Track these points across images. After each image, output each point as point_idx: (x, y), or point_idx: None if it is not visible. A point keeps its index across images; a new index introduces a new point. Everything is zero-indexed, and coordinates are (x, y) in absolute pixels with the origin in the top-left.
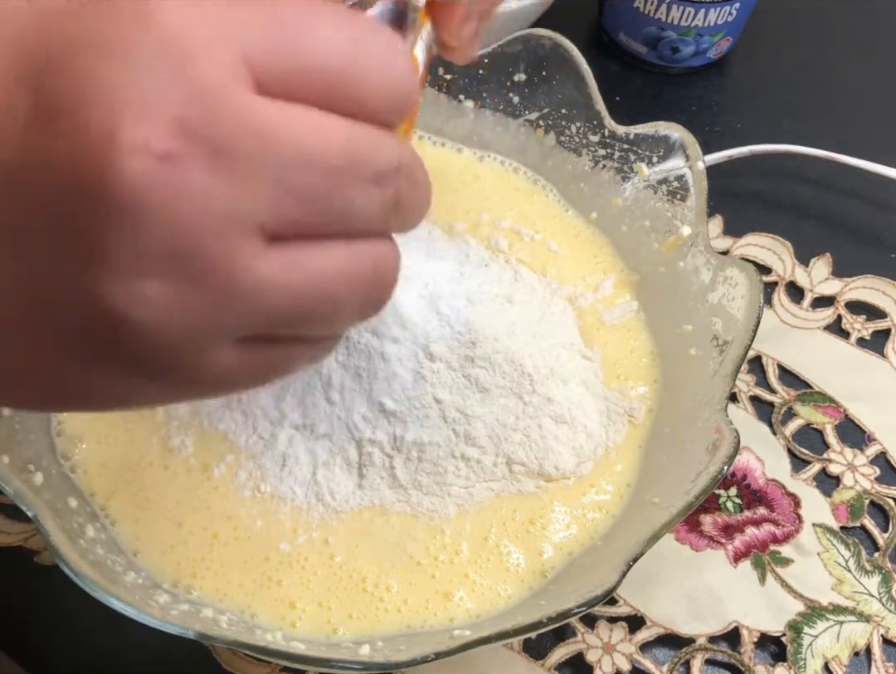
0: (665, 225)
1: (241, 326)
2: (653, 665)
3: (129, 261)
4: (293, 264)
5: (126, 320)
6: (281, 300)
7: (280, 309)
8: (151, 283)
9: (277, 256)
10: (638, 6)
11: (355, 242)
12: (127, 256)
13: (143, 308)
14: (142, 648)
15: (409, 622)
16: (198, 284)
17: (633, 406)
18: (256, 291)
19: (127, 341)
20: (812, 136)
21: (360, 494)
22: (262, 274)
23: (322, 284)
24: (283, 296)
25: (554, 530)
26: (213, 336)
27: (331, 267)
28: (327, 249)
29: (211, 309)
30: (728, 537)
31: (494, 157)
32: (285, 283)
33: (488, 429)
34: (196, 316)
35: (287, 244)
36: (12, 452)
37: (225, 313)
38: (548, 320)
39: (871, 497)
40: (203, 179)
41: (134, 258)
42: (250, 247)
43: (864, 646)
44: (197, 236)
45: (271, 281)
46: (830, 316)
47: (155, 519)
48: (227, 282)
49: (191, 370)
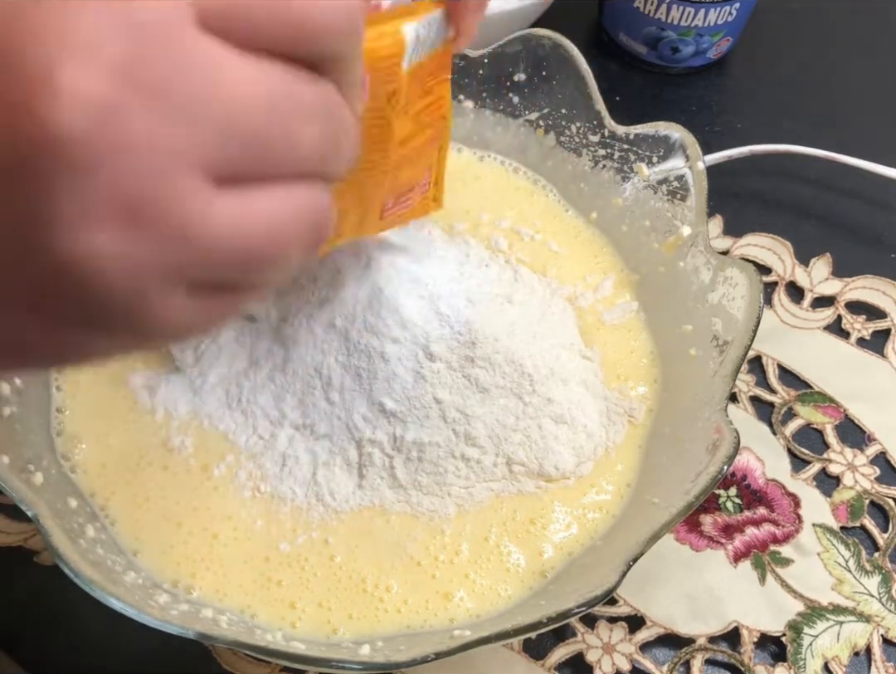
0: (665, 225)
1: (193, 270)
2: (653, 665)
3: (76, 212)
4: (241, 207)
5: (78, 272)
6: (232, 242)
7: (232, 251)
8: (101, 232)
9: (225, 200)
10: (638, 6)
11: (296, 184)
12: (73, 207)
13: (95, 258)
14: (142, 648)
15: (409, 622)
16: (148, 230)
17: (633, 406)
18: (207, 233)
19: (81, 292)
20: (812, 136)
21: (360, 495)
22: (212, 217)
23: (271, 225)
24: (234, 238)
25: (554, 530)
26: (167, 281)
27: (277, 209)
28: (271, 192)
29: (163, 254)
30: (728, 537)
31: (494, 158)
32: (235, 224)
33: (488, 429)
34: (148, 262)
35: (233, 188)
36: (12, 452)
37: (177, 258)
38: (548, 320)
39: (871, 497)
40: (146, 123)
41: (81, 209)
42: (198, 190)
43: (864, 646)
44: (143, 182)
45: (221, 223)
46: (830, 316)
47: (155, 519)
48: (177, 226)
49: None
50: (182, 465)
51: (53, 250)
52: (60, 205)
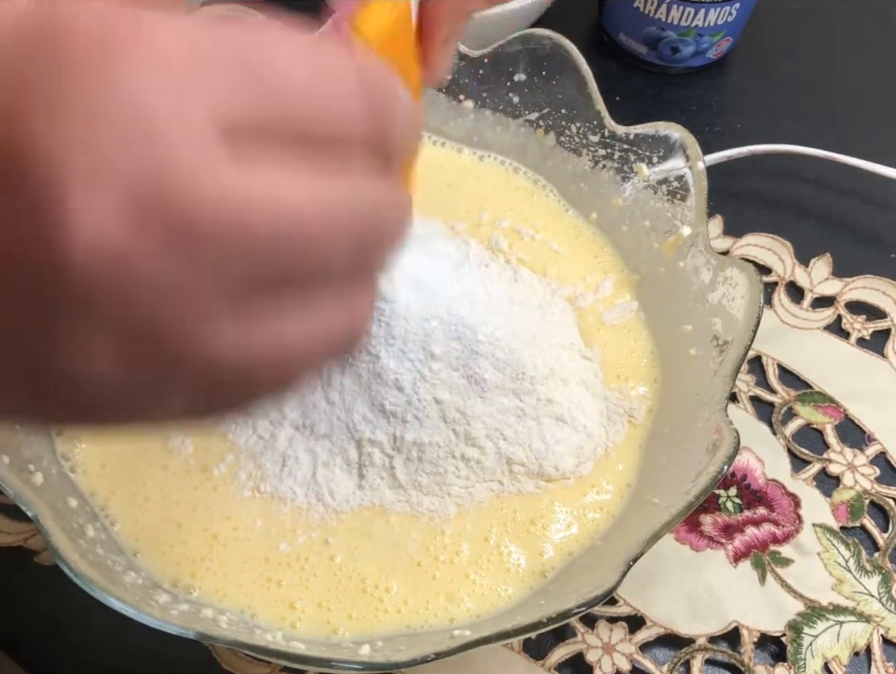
0: (665, 225)
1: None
2: (653, 665)
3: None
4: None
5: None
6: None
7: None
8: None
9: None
10: (638, 6)
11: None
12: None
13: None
14: (142, 648)
15: (409, 623)
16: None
17: (633, 406)
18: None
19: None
20: (812, 136)
21: (360, 495)
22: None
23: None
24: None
25: (555, 530)
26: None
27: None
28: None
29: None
30: (728, 536)
31: (495, 158)
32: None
33: (488, 429)
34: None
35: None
36: (12, 452)
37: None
38: (548, 321)
39: (871, 497)
40: (160, 265)
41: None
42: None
43: (864, 646)
44: (150, 323)
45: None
46: (830, 316)
47: (155, 519)
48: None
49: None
50: (182, 465)
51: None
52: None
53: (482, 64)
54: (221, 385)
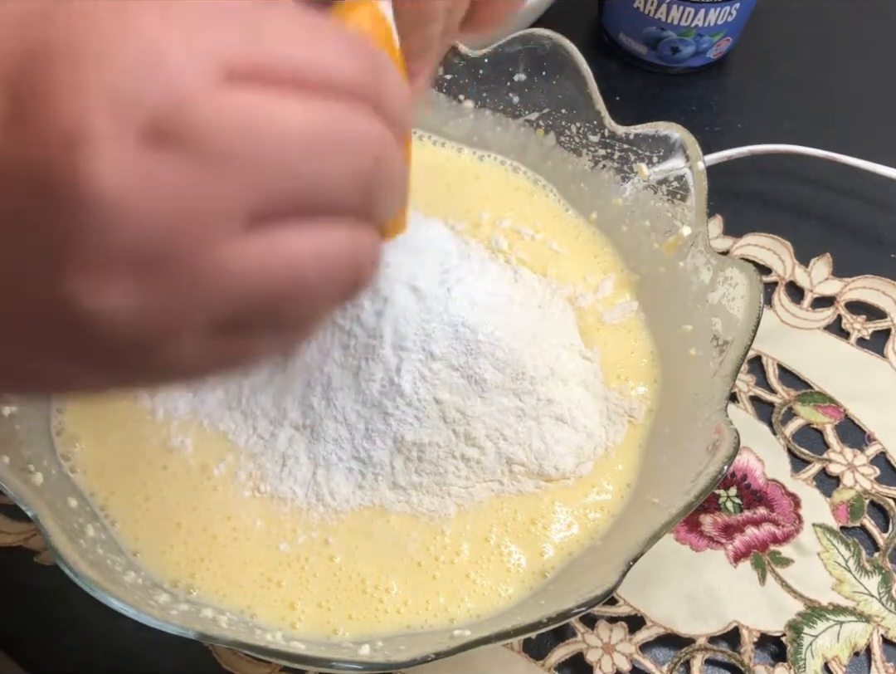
0: (665, 225)
1: (210, 317)
2: (653, 665)
3: (100, 261)
4: (267, 248)
5: (92, 317)
6: (253, 287)
7: (251, 296)
8: (121, 282)
9: (251, 241)
10: (638, 6)
11: (335, 224)
12: (97, 256)
13: (112, 307)
14: (142, 648)
15: (408, 623)
16: (169, 282)
17: (633, 406)
18: (229, 281)
19: (92, 337)
20: (812, 136)
21: (360, 495)
22: (236, 264)
23: (296, 267)
24: (253, 281)
25: (555, 530)
26: (182, 329)
27: (306, 249)
28: (305, 230)
29: (181, 304)
30: (728, 536)
31: (495, 158)
32: (259, 269)
33: (488, 429)
34: (165, 312)
35: (264, 225)
36: (12, 452)
37: (195, 307)
38: (548, 321)
39: (871, 497)
40: (177, 175)
41: (104, 258)
42: (227, 238)
43: (864, 646)
44: (171, 236)
45: (245, 269)
46: (830, 316)
47: (154, 519)
48: (200, 277)
49: (158, 362)
50: (182, 465)
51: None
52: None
53: (482, 64)
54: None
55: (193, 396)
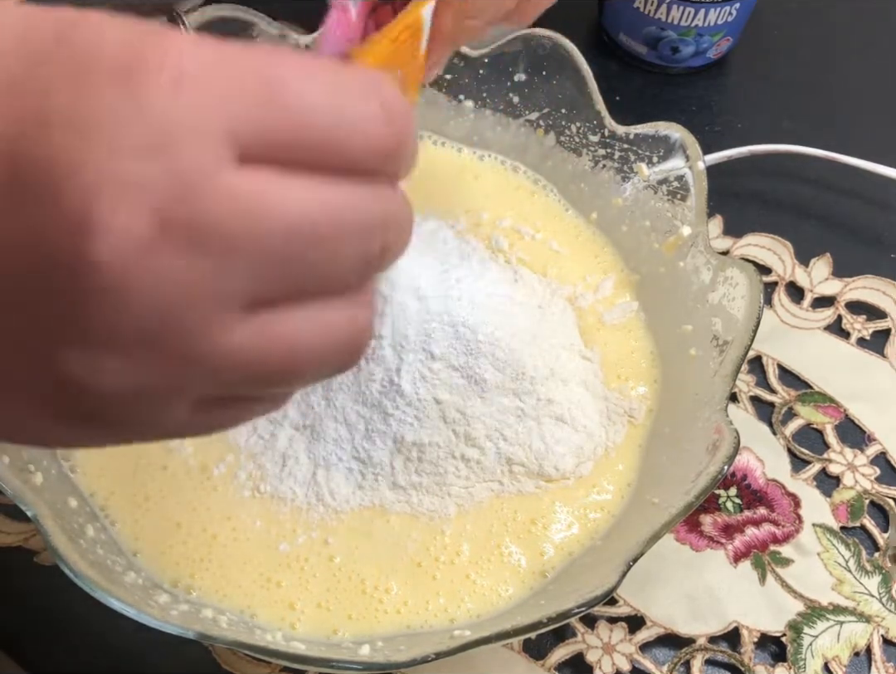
0: (665, 225)
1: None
2: (653, 665)
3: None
4: (265, 330)
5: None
6: (248, 368)
7: (244, 375)
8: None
9: (251, 324)
10: (638, 6)
11: (332, 302)
12: (96, 337)
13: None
14: (142, 648)
15: (408, 623)
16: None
17: (633, 406)
18: (224, 360)
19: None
20: (812, 136)
21: (361, 495)
22: (232, 346)
23: (293, 349)
24: (251, 364)
25: (555, 530)
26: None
27: (305, 330)
28: (303, 312)
29: (174, 379)
30: (728, 537)
31: (495, 157)
32: (254, 350)
33: (488, 429)
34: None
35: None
36: (12, 452)
37: (188, 382)
38: (548, 321)
39: (871, 497)
40: (181, 264)
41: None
42: (225, 322)
43: (865, 646)
44: (170, 321)
45: (240, 351)
46: (830, 316)
47: (154, 519)
48: (196, 358)
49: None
50: (182, 465)
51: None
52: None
53: (482, 64)
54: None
55: None
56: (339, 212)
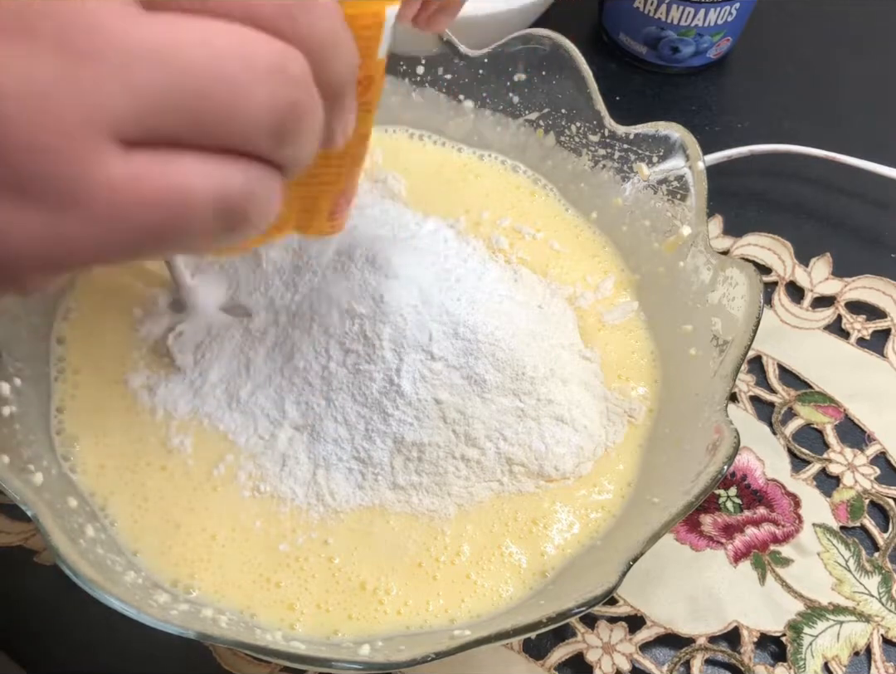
0: (665, 225)
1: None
2: (653, 665)
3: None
4: (147, 171)
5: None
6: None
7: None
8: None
9: (131, 162)
10: (638, 6)
11: (231, 161)
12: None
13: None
14: (142, 647)
15: (408, 623)
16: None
17: (633, 406)
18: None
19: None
20: (812, 136)
21: (361, 495)
22: (112, 182)
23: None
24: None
25: (556, 530)
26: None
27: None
28: (195, 162)
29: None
30: (728, 536)
31: (495, 157)
32: (135, 191)
33: (488, 429)
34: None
35: (150, 149)
36: (12, 452)
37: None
38: (548, 321)
39: (871, 497)
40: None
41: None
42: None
43: (864, 646)
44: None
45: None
46: (830, 316)
47: (154, 519)
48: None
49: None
50: (181, 465)
51: None
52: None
53: (482, 64)
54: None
55: (194, 396)
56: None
